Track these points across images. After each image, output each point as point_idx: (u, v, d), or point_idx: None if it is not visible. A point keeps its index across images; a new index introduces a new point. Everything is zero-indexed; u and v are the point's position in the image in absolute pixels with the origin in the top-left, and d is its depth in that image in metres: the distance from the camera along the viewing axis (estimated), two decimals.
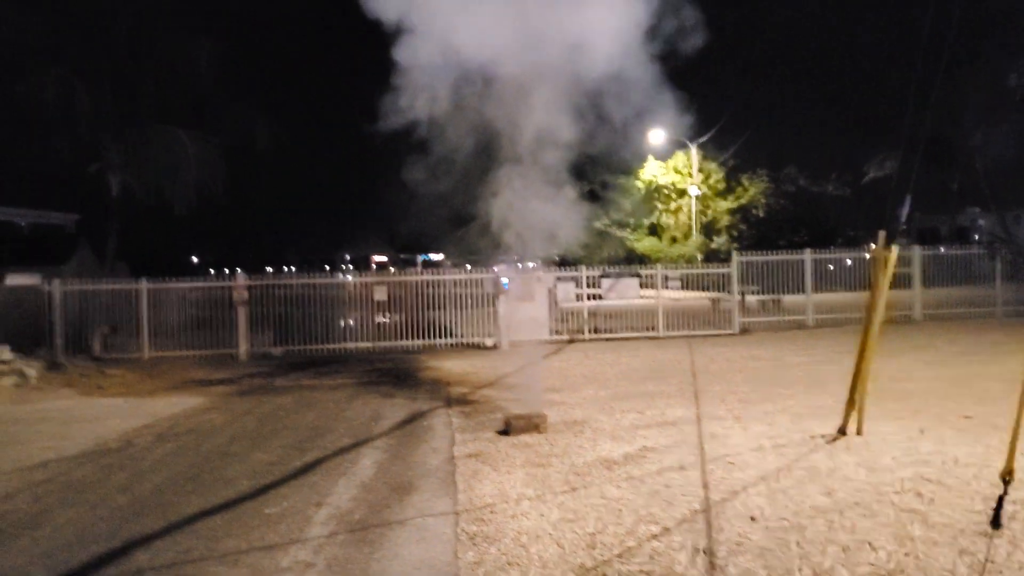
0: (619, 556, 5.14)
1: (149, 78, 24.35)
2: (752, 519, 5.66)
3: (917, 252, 21.61)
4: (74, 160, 24.22)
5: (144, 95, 24.39)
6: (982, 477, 6.46)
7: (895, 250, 7.85)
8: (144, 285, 18.87)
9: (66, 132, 23.41)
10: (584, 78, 9.72)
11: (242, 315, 18.82)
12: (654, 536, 5.46)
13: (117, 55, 24.48)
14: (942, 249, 22.42)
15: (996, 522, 5.25)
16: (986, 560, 4.79)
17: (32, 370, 14.36)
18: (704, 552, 5.10)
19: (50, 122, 22.94)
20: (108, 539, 5.83)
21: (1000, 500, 5.29)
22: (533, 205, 9.83)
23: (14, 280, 18.53)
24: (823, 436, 8.14)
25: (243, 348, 18.76)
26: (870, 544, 5.10)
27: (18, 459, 8.61)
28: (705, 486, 6.52)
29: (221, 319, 19.16)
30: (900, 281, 20.58)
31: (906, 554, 4.92)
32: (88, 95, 23.19)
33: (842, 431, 8.15)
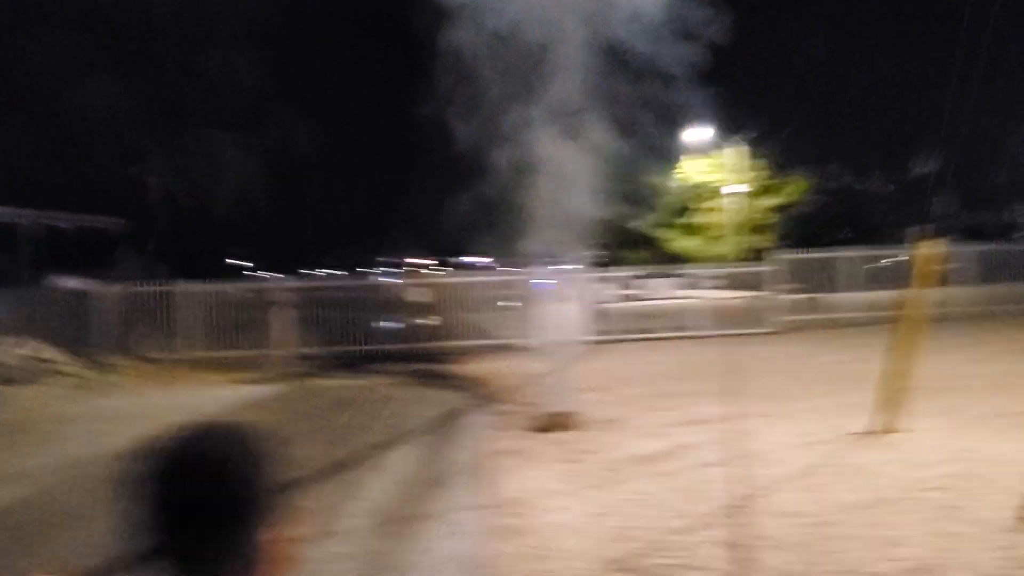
0: (650, 549, 5.13)
1: (192, 84, 24.75)
2: (784, 514, 5.62)
3: (962, 248, 21.19)
4: (118, 164, 24.66)
5: (187, 100, 24.79)
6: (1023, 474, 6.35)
7: (936, 245, 7.75)
8: (181, 287, 19.06)
9: (111, 137, 23.85)
10: (624, 71, 9.73)
11: (280, 317, 18.98)
12: (685, 530, 5.45)
13: (162, 63, 24.94)
14: (989, 245, 21.97)
15: None
16: None
17: (72, 369, 14.60)
18: (735, 546, 5.08)
19: (96, 128, 23.38)
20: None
21: None
22: (570, 203, 9.83)
23: (56, 282, 18.83)
24: (858, 433, 8.04)
25: (281, 349, 18.91)
26: (901, 540, 5.05)
27: (59, 455, 8.80)
28: (737, 482, 6.48)
29: (260, 321, 19.35)
30: (946, 278, 20.21)
31: (939, 550, 4.86)
32: (133, 102, 23.64)
33: (880, 428, 8.04)
